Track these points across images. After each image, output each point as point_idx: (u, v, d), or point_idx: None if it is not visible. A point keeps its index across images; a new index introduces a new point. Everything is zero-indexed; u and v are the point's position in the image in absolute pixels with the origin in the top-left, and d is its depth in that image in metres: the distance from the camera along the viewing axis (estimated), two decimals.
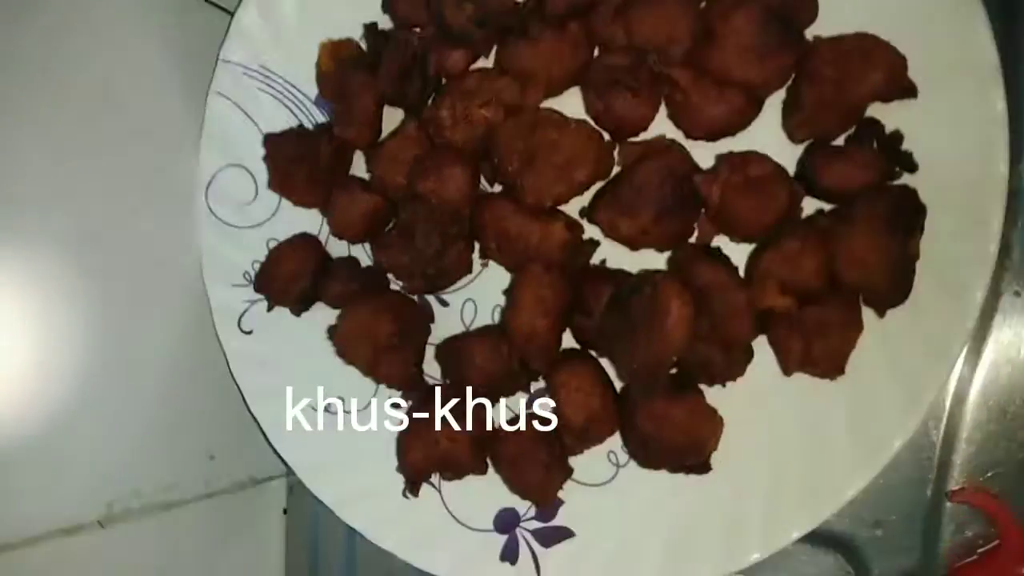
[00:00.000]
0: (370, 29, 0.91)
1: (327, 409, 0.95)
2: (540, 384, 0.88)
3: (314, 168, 0.90)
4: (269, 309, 0.94)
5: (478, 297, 0.93)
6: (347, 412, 0.95)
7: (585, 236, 0.86)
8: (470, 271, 0.90)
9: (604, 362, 0.85)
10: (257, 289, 0.94)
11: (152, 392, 0.93)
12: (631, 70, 0.78)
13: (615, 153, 0.83)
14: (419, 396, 0.88)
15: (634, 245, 0.81)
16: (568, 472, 0.85)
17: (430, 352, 0.92)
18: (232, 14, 0.95)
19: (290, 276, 0.92)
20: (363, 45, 0.93)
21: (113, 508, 0.87)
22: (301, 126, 0.94)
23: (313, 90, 0.96)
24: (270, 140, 0.92)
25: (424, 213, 0.83)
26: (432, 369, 0.92)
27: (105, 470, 0.87)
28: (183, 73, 0.96)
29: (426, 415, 0.85)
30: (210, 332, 0.96)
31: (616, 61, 0.79)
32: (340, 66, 0.91)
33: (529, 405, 0.89)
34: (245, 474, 1.06)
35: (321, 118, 0.96)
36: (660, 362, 0.72)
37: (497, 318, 0.92)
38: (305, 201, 0.94)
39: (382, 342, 0.85)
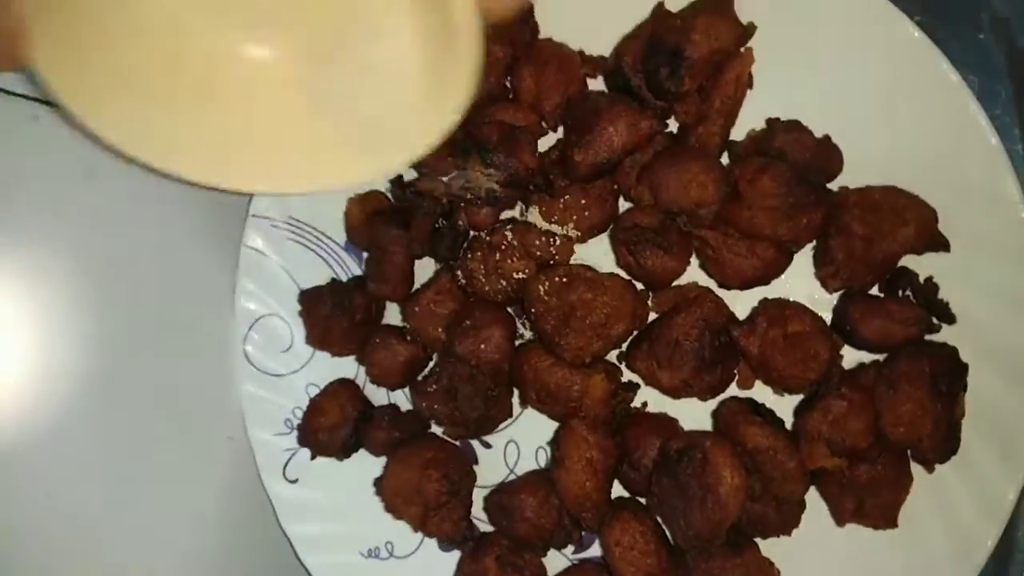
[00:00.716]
0: (396, 183, 0.92)
1: (376, 555, 0.96)
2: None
3: (350, 322, 0.92)
4: (313, 458, 0.95)
5: (520, 439, 0.93)
6: (397, 557, 0.95)
7: (624, 378, 0.87)
8: (511, 415, 0.91)
9: None
10: (301, 442, 0.95)
11: (198, 543, 0.94)
12: (660, 230, 0.78)
13: (649, 302, 0.83)
14: (470, 548, 0.88)
15: (676, 396, 0.82)
16: None
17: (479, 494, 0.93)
18: None
19: (331, 427, 0.93)
20: (389, 195, 0.94)
21: None
22: (334, 279, 0.95)
23: (342, 236, 0.97)
24: (305, 297, 0.93)
25: (465, 376, 0.84)
26: (480, 510, 0.93)
27: None
28: (213, 223, 0.98)
29: (480, 568, 0.85)
30: (255, 482, 0.98)
31: (644, 221, 0.79)
32: (370, 219, 0.93)
33: (578, 551, 0.90)
34: None
35: (352, 263, 0.97)
36: (716, 529, 0.73)
37: (541, 460, 0.92)
38: (343, 352, 0.95)
39: (431, 501, 0.86)
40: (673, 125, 0.84)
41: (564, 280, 0.81)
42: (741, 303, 0.83)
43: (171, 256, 0.96)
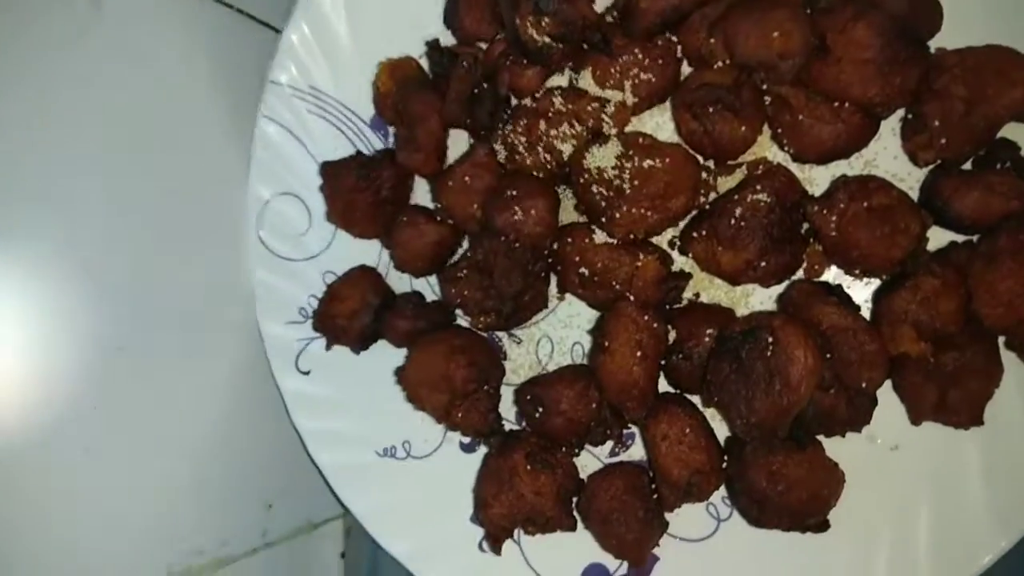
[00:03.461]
0: (433, 47, 0.84)
1: (393, 454, 0.88)
2: (631, 428, 0.82)
3: (376, 198, 0.84)
4: (328, 348, 0.88)
5: (555, 334, 0.86)
6: (415, 457, 0.88)
7: (674, 268, 0.79)
8: (546, 306, 0.83)
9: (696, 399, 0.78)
10: (316, 328, 0.87)
11: (207, 440, 0.87)
12: (733, 89, 0.70)
13: (712, 179, 0.75)
14: (498, 443, 0.81)
15: (736, 280, 0.74)
16: (664, 526, 0.78)
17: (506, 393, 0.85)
18: (280, 32, 0.88)
19: (351, 313, 0.85)
20: (424, 64, 0.86)
21: (174, 569, 0.82)
22: (359, 152, 0.87)
23: (368, 112, 0.88)
24: (328, 169, 0.85)
25: (504, 249, 0.76)
26: (507, 410, 0.86)
27: (163, 530, 0.82)
28: (231, 96, 0.89)
29: (507, 465, 0.78)
30: (266, 373, 0.90)
31: (715, 79, 0.71)
32: (400, 87, 0.84)
33: (617, 451, 0.82)
34: (303, 518, 1.00)
35: (377, 142, 0.89)
36: (782, 416, 0.65)
37: (577, 356, 0.85)
38: (366, 233, 0.87)
39: (458, 388, 0.78)
40: None
41: (618, 147, 0.73)
42: (815, 185, 0.75)
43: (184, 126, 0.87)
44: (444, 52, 0.84)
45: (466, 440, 0.87)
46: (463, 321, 0.87)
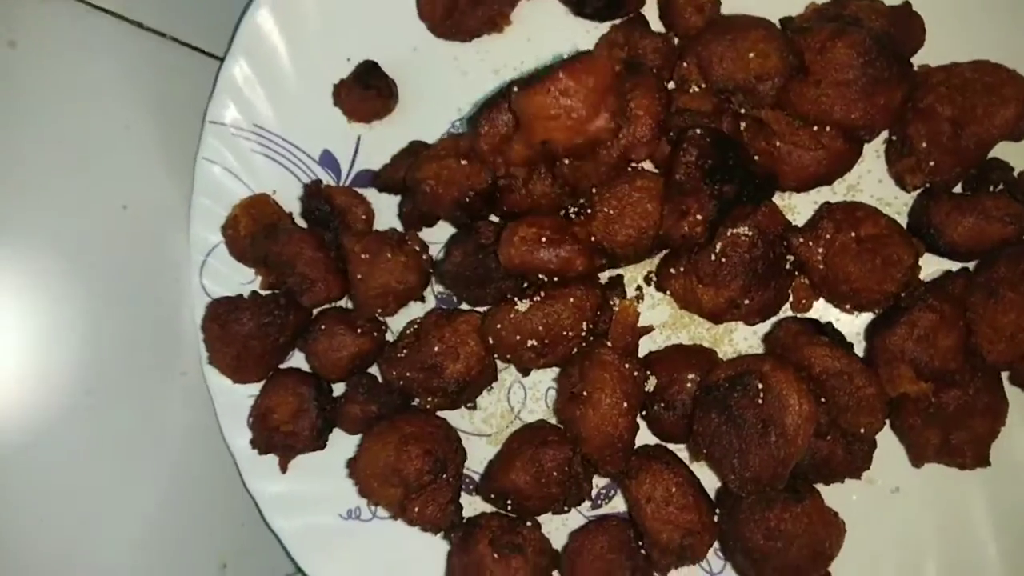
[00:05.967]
0: (312, 192, 0.79)
1: (357, 515, 0.82)
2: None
3: (274, 345, 0.77)
4: (284, 465, 0.81)
5: (527, 379, 0.80)
6: (381, 518, 0.82)
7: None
8: (495, 379, 0.78)
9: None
10: (262, 451, 0.79)
11: (157, 496, 0.80)
12: (714, 116, 0.65)
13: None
14: (458, 538, 0.74)
15: (718, 319, 0.69)
16: None
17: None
18: (220, 62, 0.82)
19: (292, 415, 0.78)
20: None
21: None
22: (254, 293, 0.79)
23: (317, 149, 0.82)
24: (217, 309, 0.77)
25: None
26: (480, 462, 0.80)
27: None
28: (171, 129, 0.83)
29: (473, 560, 0.72)
30: (216, 432, 0.83)
31: (694, 105, 0.66)
32: (261, 229, 0.78)
33: (600, 503, 0.77)
34: None
35: (328, 179, 0.83)
36: (780, 469, 0.60)
37: (552, 400, 0.79)
38: (250, 380, 0.80)
39: (412, 481, 0.72)
40: None
41: None
42: (796, 213, 0.71)
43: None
44: (324, 197, 0.78)
45: None
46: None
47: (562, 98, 0.59)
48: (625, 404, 0.66)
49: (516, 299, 0.69)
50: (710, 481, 0.72)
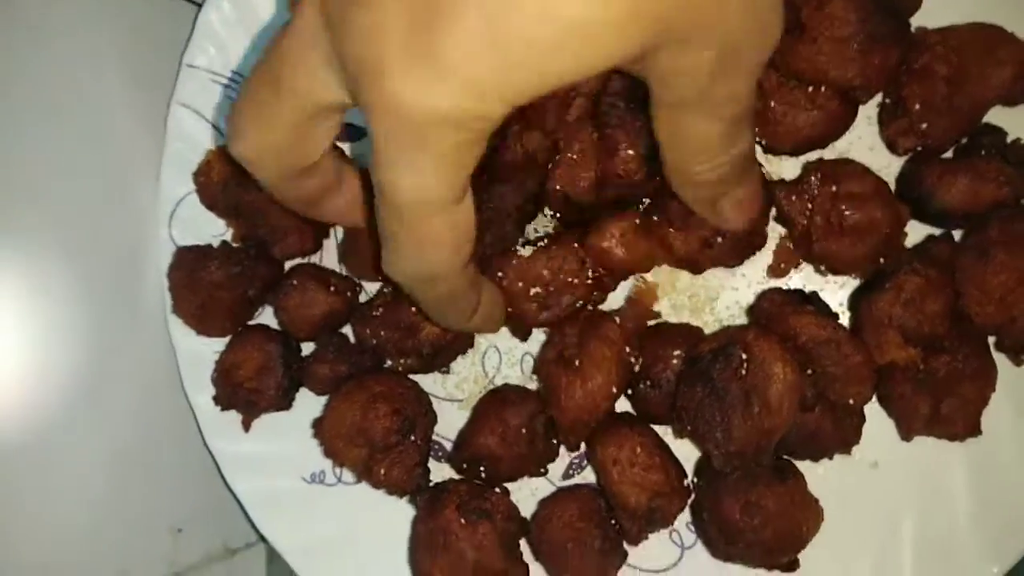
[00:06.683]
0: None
1: (322, 479, 0.79)
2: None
3: (242, 297, 0.74)
4: (248, 424, 0.78)
5: (503, 344, 0.78)
6: (347, 482, 0.79)
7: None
8: (472, 346, 0.76)
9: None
10: (224, 407, 0.76)
11: (103, 458, 0.78)
12: None
13: None
14: (425, 503, 0.72)
15: (695, 266, 0.67)
16: (624, 556, 0.70)
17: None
18: (199, 6, 0.79)
19: (257, 371, 0.75)
20: None
21: None
22: (224, 243, 0.77)
23: None
24: (184, 256, 0.74)
25: None
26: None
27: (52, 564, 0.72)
28: (144, 77, 0.80)
29: (439, 526, 0.69)
30: (176, 387, 0.80)
31: None
32: (235, 178, 0.74)
33: (571, 472, 0.75)
34: (219, 544, 0.89)
35: None
36: (764, 441, 0.58)
37: (528, 367, 0.77)
38: (216, 333, 0.77)
39: (378, 441, 0.69)
40: None
41: None
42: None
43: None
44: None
45: None
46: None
47: None
48: (614, 389, 0.65)
49: (516, 250, 0.67)
50: (691, 453, 0.71)
